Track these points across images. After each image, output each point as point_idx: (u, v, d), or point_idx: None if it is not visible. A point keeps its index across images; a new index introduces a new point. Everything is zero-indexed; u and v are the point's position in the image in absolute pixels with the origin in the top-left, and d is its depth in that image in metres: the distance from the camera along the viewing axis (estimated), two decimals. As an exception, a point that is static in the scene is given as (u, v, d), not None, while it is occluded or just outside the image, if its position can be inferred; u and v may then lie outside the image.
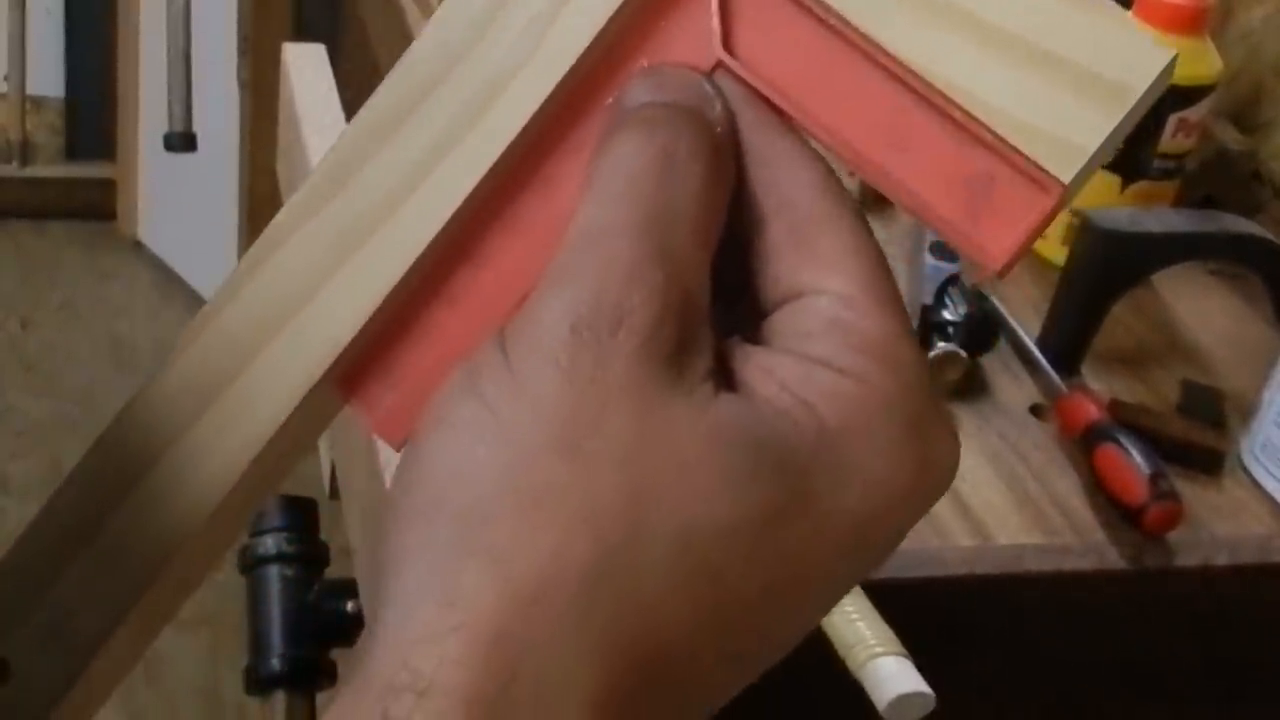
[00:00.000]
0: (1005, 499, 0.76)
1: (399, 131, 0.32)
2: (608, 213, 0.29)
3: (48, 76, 2.58)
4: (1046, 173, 0.29)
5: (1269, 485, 0.81)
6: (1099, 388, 0.86)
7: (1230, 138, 1.11)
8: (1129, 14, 0.29)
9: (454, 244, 0.32)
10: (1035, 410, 0.84)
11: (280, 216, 0.33)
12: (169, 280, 2.54)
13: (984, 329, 0.84)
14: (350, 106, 0.86)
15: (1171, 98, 0.94)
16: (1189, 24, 0.95)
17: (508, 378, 0.28)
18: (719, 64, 0.31)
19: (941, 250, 0.85)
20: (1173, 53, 0.29)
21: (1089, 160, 0.29)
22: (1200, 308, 0.98)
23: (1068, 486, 0.78)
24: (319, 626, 0.89)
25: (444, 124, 0.32)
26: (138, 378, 2.31)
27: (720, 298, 0.30)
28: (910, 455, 0.29)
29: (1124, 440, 0.77)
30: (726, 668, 0.29)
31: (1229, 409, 0.86)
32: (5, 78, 2.51)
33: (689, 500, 0.27)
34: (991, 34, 0.29)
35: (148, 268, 2.57)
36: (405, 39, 1.22)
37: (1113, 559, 0.74)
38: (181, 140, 2.03)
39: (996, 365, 0.86)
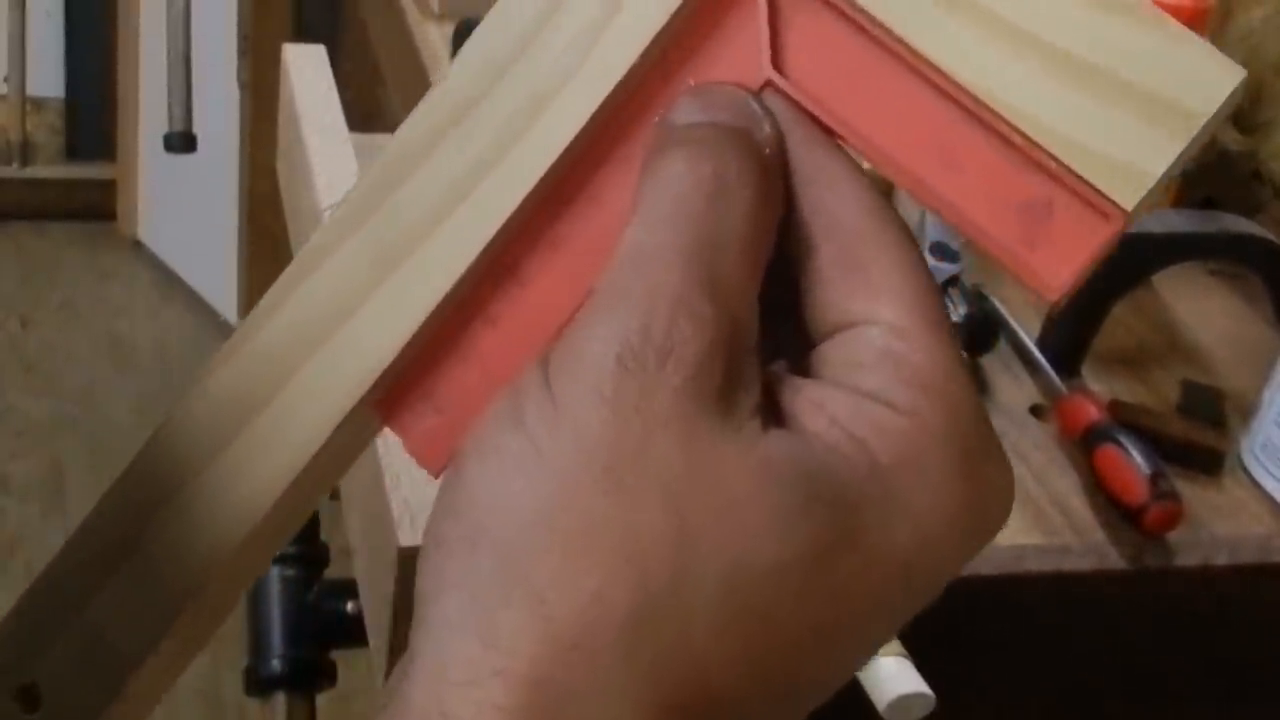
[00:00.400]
0: (1005, 499, 0.76)
1: (440, 148, 0.31)
2: (656, 236, 0.28)
3: (48, 77, 2.58)
4: (1108, 199, 0.28)
5: (1269, 485, 0.81)
6: (1099, 388, 0.86)
7: (1230, 138, 1.11)
8: (1193, 33, 0.28)
9: (496, 262, 0.31)
10: (1035, 410, 0.84)
11: (319, 234, 0.32)
12: (169, 280, 2.54)
13: (984, 329, 0.84)
14: (350, 106, 0.86)
15: (1171, 98, 0.94)
16: (1189, 24, 0.94)
17: (550, 407, 0.28)
18: (767, 82, 0.30)
19: (942, 250, 0.85)
20: (1241, 73, 0.28)
21: (1153, 187, 0.28)
22: (1200, 308, 0.98)
23: (1068, 486, 0.78)
24: (319, 627, 0.89)
25: (486, 141, 0.31)
26: (138, 378, 2.31)
27: (765, 316, 0.29)
28: (963, 492, 0.28)
29: (1124, 440, 0.77)
30: (774, 709, 0.28)
31: (1229, 409, 0.86)
32: (5, 78, 2.51)
33: (736, 538, 0.27)
34: (1052, 54, 0.28)
35: (148, 268, 2.57)
36: (405, 39, 1.22)
37: (1113, 559, 0.74)
38: (181, 140, 2.03)
39: (997, 365, 0.86)
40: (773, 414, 0.28)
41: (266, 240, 1.98)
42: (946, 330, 0.29)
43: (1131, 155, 0.28)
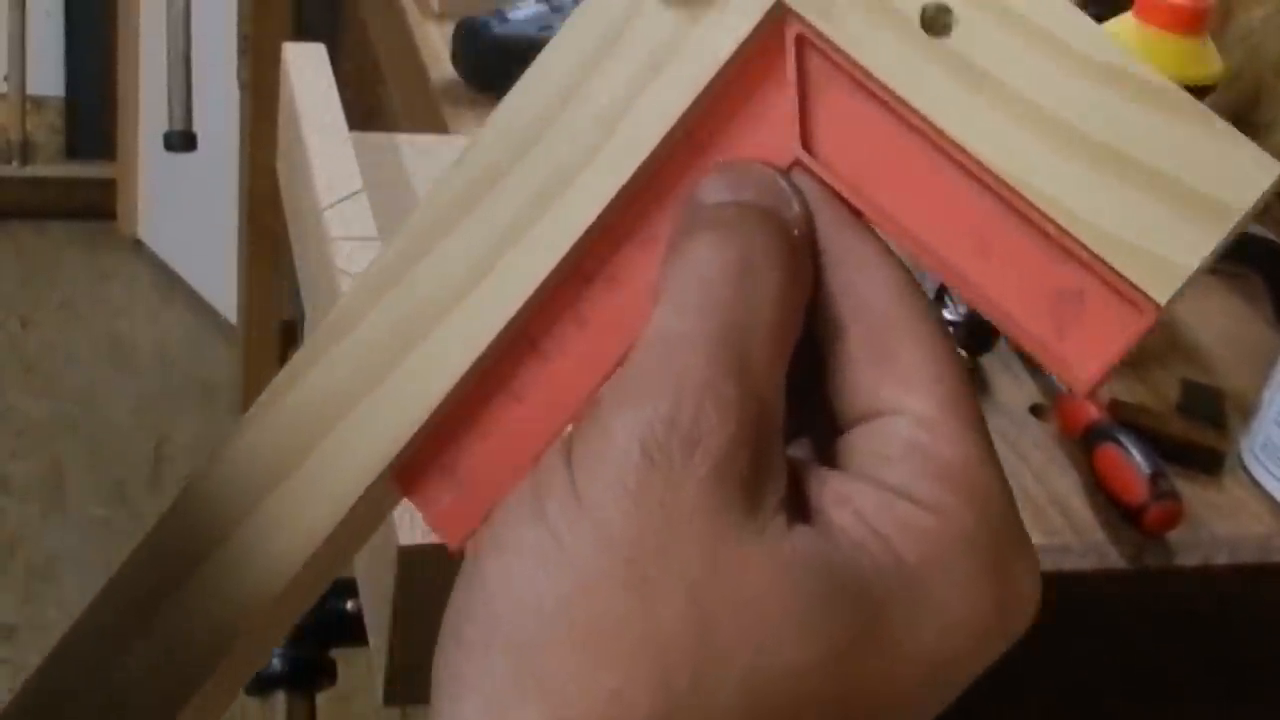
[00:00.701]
0: (1005, 499, 0.76)
1: (464, 221, 0.31)
2: (682, 321, 0.28)
3: (48, 76, 2.58)
4: (1142, 292, 0.27)
5: (1269, 485, 0.81)
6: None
7: (1230, 138, 1.11)
8: (1229, 125, 0.28)
9: (519, 336, 0.31)
10: (1035, 410, 0.84)
11: (346, 300, 0.32)
12: (169, 280, 2.54)
13: (984, 329, 0.84)
14: (350, 106, 0.86)
15: (1171, 98, 0.94)
16: (1189, 24, 0.95)
17: (573, 500, 0.27)
18: (796, 161, 0.30)
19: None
20: (1278, 168, 0.27)
21: (1188, 280, 0.27)
22: (1200, 308, 0.98)
23: (1068, 486, 0.78)
24: (319, 626, 0.89)
25: (510, 216, 0.30)
26: (138, 378, 2.31)
27: (790, 393, 0.29)
28: (990, 593, 0.28)
29: (1124, 440, 0.77)
30: None
31: (1229, 409, 0.86)
32: (5, 78, 2.51)
33: (759, 638, 0.26)
34: (1086, 143, 0.27)
35: (148, 268, 2.57)
36: (405, 38, 1.22)
37: (1113, 559, 0.74)
38: (181, 140, 2.03)
39: (997, 365, 0.86)
40: (797, 506, 0.28)
41: (266, 240, 1.98)
42: (976, 422, 0.29)
43: (1166, 248, 0.27)
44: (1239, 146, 0.27)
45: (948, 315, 0.82)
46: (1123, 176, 0.27)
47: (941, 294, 0.83)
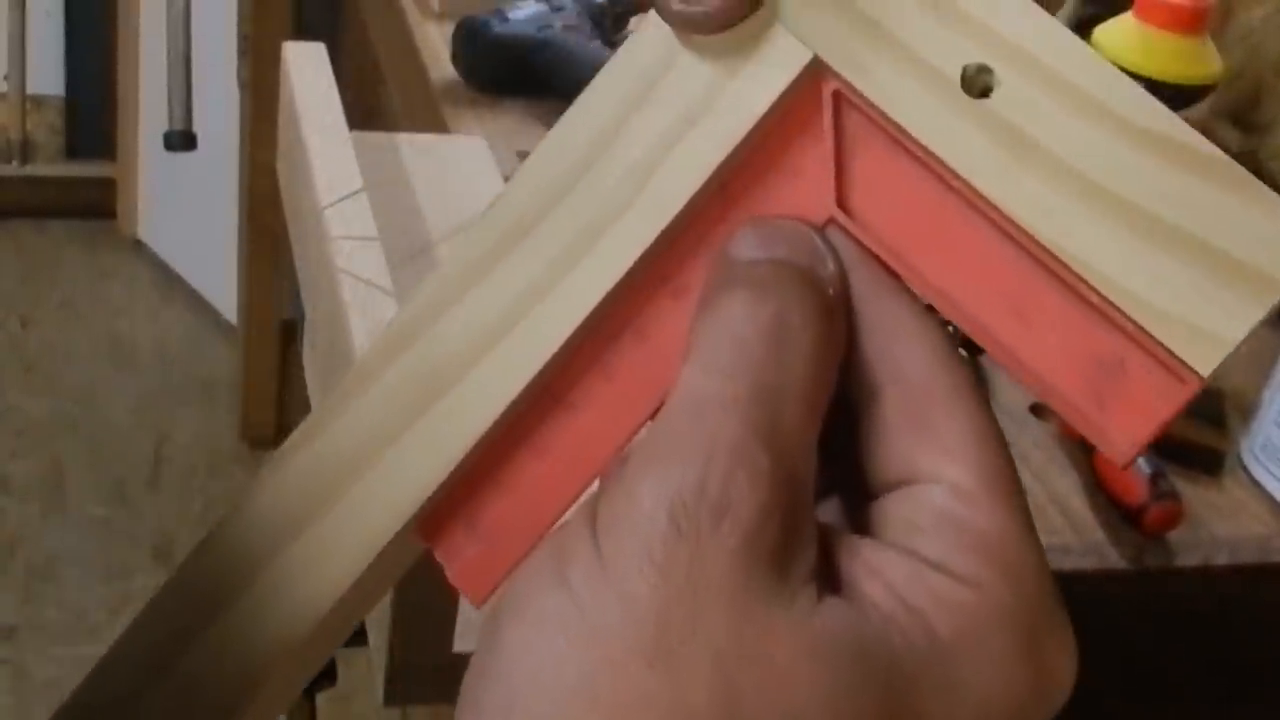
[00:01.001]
0: (1005, 499, 0.76)
1: (491, 274, 0.30)
2: (713, 382, 0.27)
3: (48, 76, 2.58)
4: (1184, 363, 0.27)
5: (1269, 485, 0.81)
6: (1099, 388, 0.86)
7: (1230, 138, 1.11)
8: (1276, 195, 0.27)
9: (545, 390, 0.30)
10: (1035, 410, 0.84)
11: (372, 349, 0.31)
12: (169, 280, 2.54)
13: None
14: (350, 106, 0.86)
15: (1171, 97, 0.94)
16: (1189, 24, 0.95)
17: (597, 569, 0.26)
18: (831, 219, 0.29)
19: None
20: None
21: (1228, 354, 0.27)
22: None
23: (1068, 486, 0.78)
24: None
25: (540, 268, 0.30)
26: (138, 377, 2.31)
27: (822, 452, 0.28)
28: (1025, 672, 0.27)
29: (1124, 440, 0.77)
30: None
31: (1229, 409, 0.86)
32: (5, 78, 2.51)
33: (788, 715, 0.25)
34: (1130, 212, 0.27)
35: (148, 267, 2.57)
36: (405, 38, 1.22)
37: (1113, 559, 0.74)
38: (181, 140, 2.03)
39: (997, 365, 0.86)
40: (827, 575, 0.27)
41: (266, 240, 1.98)
42: (1015, 493, 0.28)
43: (1209, 320, 0.26)
44: None
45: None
46: (1166, 245, 0.27)
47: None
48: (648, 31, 0.30)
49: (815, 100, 0.29)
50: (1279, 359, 0.83)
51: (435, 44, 1.18)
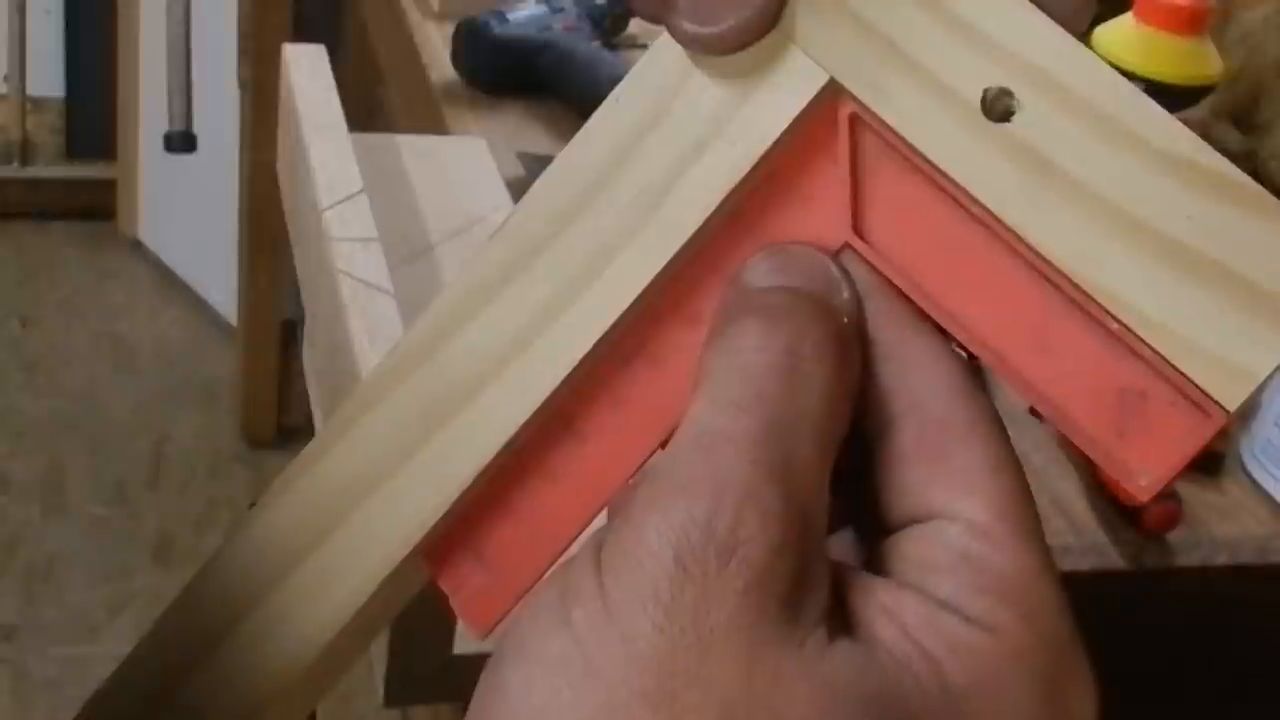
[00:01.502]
0: (1005, 499, 0.76)
1: (500, 297, 0.30)
2: (723, 417, 0.26)
3: (48, 76, 2.58)
4: (1209, 396, 0.26)
5: (1269, 485, 0.81)
6: (1099, 388, 0.86)
7: (1230, 138, 1.11)
8: None
9: (555, 416, 0.30)
10: (1035, 411, 0.83)
11: (375, 372, 0.31)
12: (169, 280, 2.54)
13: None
14: (350, 106, 0.86)
15: (1171, 97, 0.94)
16: (1189, 24, 0.95)
17: (601, 610, 0.25)
18: (846, 245, 0.28)
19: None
20: None
21: (1258, 386, 0.26)
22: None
23: (1068, 486, 0.78)
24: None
25: (548, 292, 0.29)
26: (138, 378, 2.31)
27: (833, 484, 0.27)
28: (1043, 718, 0.26)
29: (1124, 440, 0.77)
30: None
31: (1229, 409, 0.87)
32: (5, 78, 2.51)
33: None
34: (1154, 239, 0.26)
35: (148, 268, 2.57)
36: (405, 39, 1.22)
37: (1112, 559, 0.74)
38: (181, 140, 2.03)
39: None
40: (840, 618, 0.26)
41: (266, 240, 1.98)
42: (1034, 531, 0.27)
43: (1235, 352, 0.25)
44: None
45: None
46: (1191, 273, 0.26)
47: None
48: (660, 52, 0.29)
49: (831, 124, 0.28)
50: (1279, 359, 0.83)
51: (435, 44, 1.18)
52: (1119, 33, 0.98)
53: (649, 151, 0.29)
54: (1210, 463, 0.82)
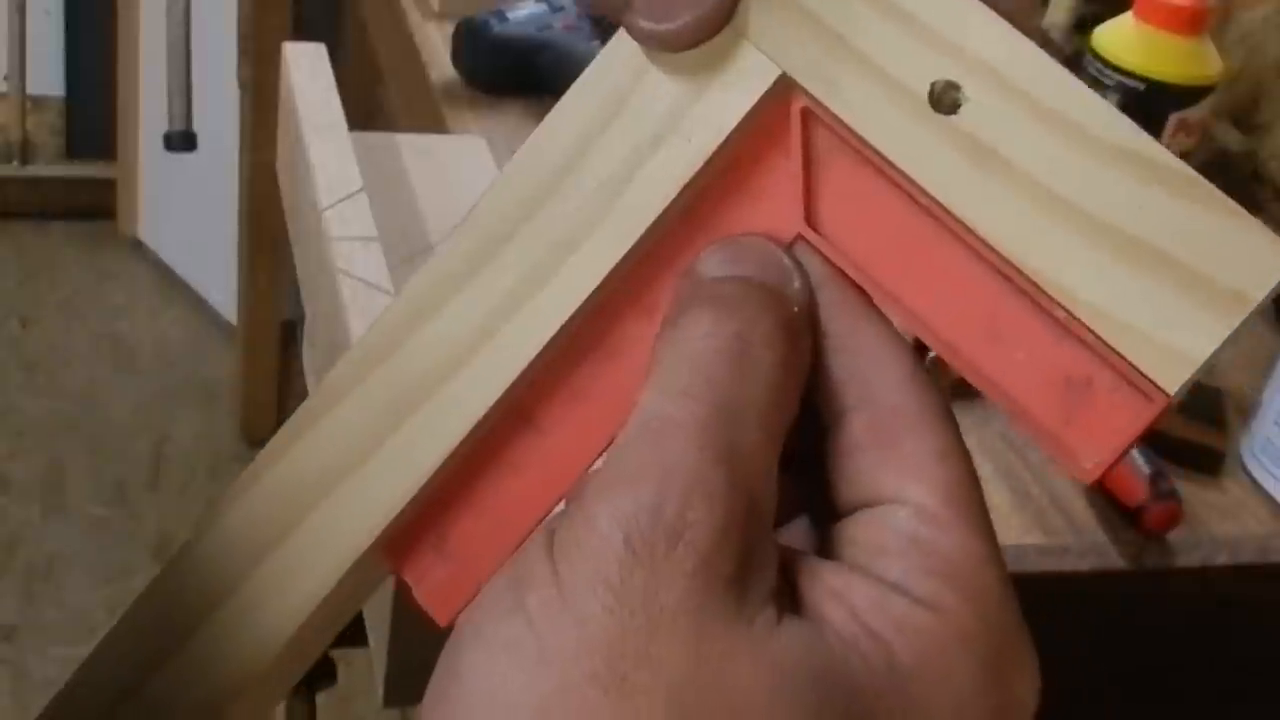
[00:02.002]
0: (1005, 499, 0.76)
1: (462, 291, 0.30)
2: (671, 404, 0.27)
3: (48, 76, 2.58)
4: (1151, 381, 0.26)
5: (1269, 485, 0.81)
6: (1099, 388, 0.86)
7: (1230, 138, 1.11)
8: (1246, 212, 0.27)
9: (515, 409, 0.30)
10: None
11: (340, 366, 0.31)
12: (169, 280, 2.54)
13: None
14: (350, 106, 0.86)
15: (1171, 97, 0.94)
16: (1189, 24, 0.95)
17: (554, 594, 0.26)
18: (799, 237, 0.29)
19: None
20: None
21: (1199, 370, 0.27)
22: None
23: (1068, 486, 0.78)
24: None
25: (509, 285, 0.30)
26: (138, 378, 2.31)
27: (785, 472, 0.28)
28: (986, 700, 0.26)
29: (1124, 440, 0.77)
30: None
31: (1229, 409, 0.86)
32: (5, 78, 2.51)
33: None
34: (1096, 227, 0.27)
35: (148, 268, 2.57)
36: (405, 38, 1.22)
37: (1113, 559, 0.74)
38: (181, 140, 2.03)
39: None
40: (788, 597, 0.27)
41: (266, 240, 1.98)
42: (981, 518, 0.28)
43: (1177, 337, 0.26)
44: (1255, 232, 0.26)
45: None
46: (1134, 262, 0.26)
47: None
48: (617, 48, 0.30)
49: (784, 118, 0.29)
50: (1279, 359, 0.83)
51: (435, 44, 1.18)
52: (1119, 33, 0.98)
53: (606, 146, 0.30)
54: (1210, 462, 0.82)
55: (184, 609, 0.32)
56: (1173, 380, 0.26)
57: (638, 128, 0.29)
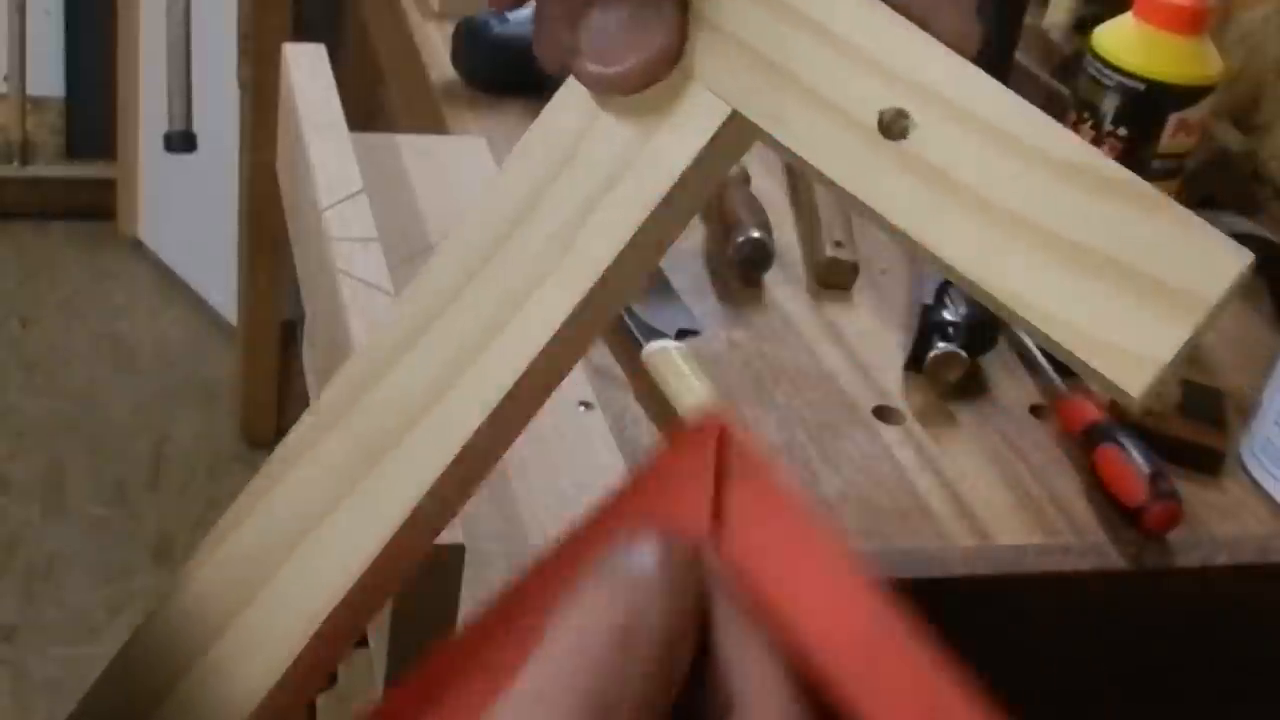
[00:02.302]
0: (1005, 499, 0.76)
1: (418, 344, 0.31)
2: (548, 680, 0.27)
3: (48, 76, 2.58)
4: (1116, 387, 0.27)
5: (1269, 485, 0.81)
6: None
7: (1230, 138, 1.11)
8: (1195, 215, 0.27)
9: (431, 691, 0.30)
10: (1035, 410, 0.83)
11: (295, 432, 0.32)
12: (169, 280, 2.54)
13: (984, 329, 0.83)
14: (350, 106, 0.86)
15: (1171, 98, 0.94)
16: (1189, 24, 0.95)
17: None
18: (705, 538, 0.29)
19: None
20: (1248, 257, 0.27)
21: (1160, 374, 0.27)
22: (1200, 308, 0.98)
23: (1068, 486, 0.78)
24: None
25: (465, 335, 0.30)
26: (138, 378, 2.31)
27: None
28: None
29: (1124, 440, 0.77)
30: None
31: (1229, 409, 0.86)
32: (5, 78, 2.51)
33: None
34: (1050, 240, 0.27)
35: (148, 268, 2.57)
36: (405, 39, 1.22)
37: (1113, 559, 0.74)
38: (181, 140, 2.03)
39: (996, 365, 0.86)
40: None
41: (266, 240, 1.98)
42: None
43: (1137, 343, 0.27)
44: (1208, 236, 0.27)
45: (947, 315, 0.82)
46: (1091, 271, 0.27)
47: (941, 294, 0.83)
48: (567, 95, 0.30)
49: (706, 438, 0.29)
50: (1279, 359, 0.83)
51: (435, 44, 1.18)
52: (1119, 33, 0.98)
53: (559, 193, 0.30)
54: (1211, 463, 0.82)
55: (150, 679, 0.32)
56: (1136, 384, 0.27)
57: (589, 175, 0.30)
